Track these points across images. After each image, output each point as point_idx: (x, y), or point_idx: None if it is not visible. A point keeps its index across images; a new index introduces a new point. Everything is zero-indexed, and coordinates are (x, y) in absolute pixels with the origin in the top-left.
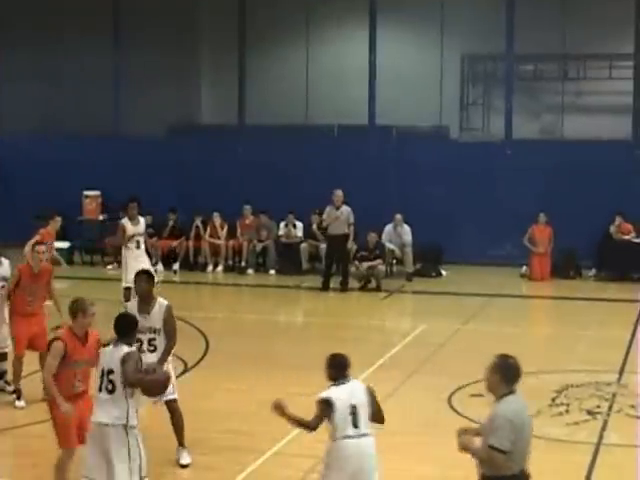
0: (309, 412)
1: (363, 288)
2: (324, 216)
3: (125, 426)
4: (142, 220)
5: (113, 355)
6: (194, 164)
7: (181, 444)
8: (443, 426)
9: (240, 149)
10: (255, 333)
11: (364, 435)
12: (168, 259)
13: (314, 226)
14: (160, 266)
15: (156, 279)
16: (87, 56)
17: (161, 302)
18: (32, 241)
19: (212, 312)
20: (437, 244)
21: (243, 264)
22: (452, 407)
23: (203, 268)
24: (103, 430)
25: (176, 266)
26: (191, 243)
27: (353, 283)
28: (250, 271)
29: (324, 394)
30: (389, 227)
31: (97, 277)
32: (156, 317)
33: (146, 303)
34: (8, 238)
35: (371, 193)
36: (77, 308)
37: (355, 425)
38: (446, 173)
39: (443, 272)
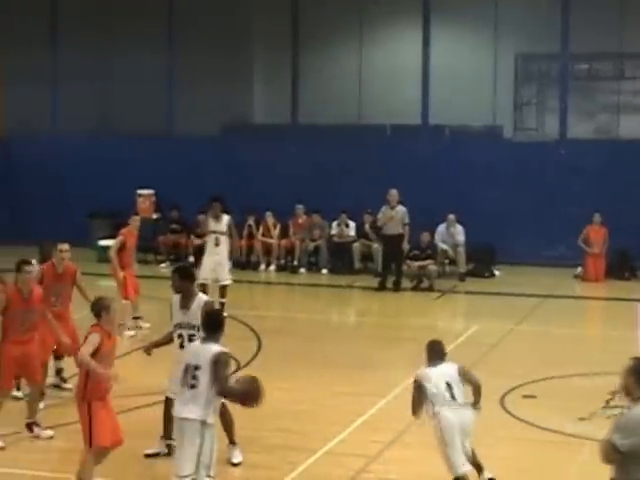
0: (358, 410)
1: (415, 288)
2: (379, 215)
3: (203, 422)
4: (225, 218)
5: (201, 351)
6: (247, 163)
7: (232, 442)
8: (494, 427)
9: (293, 148)
10: (307, 332)
11: (461, 406)
12: None
13: (367, 226)
14: None
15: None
16: (142, 56)
17: (201, 298)
18: (117, 244)
19: (264, 311)
20: (490, 244)
21: (295, 263)
22: (504, 408)
23: (255, 267)
24: (182, 424)
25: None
26: (244, 242)
27: (405, 283)
28: (302, 270)
29: (417, 373)
30: (442, 227)
31: (150, 275)
32: (195, 313)
33: (186, 298)
34: (62, 237)
35: (424, 193)
36: (100, 307)
37: (452, 398)
38: (499, 173)
39: (496, 272)
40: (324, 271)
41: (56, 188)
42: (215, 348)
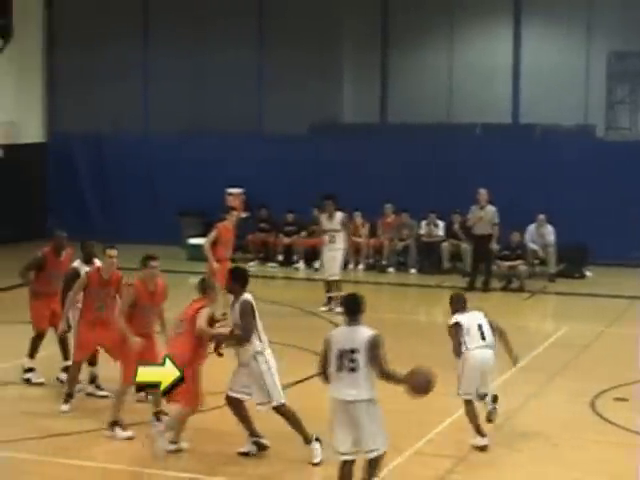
0: (446, 411)
1: (505, 288)
2: (468, 215)
3: (369, 401)
4: (339, 216)
5: (353, 335)
6: (335, 163)
7: (307, 441)
8: (584, 430)
9: (382, 148)
10: (395, 332)
11: (486, 346)
12: (310, 257)
13: (456, 225)
14: (301, 264)
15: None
16: (232, 55)
17: (243, 297)
18: (210, 237)
19: None
20: (581, 244)
21: (384, 262)
22: (595, 411)
23: (344, 266)
24: (349, 407)
25: (317, 264)
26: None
27: (494, 283)
28: (391, 270)
29: (452, 319)
30: (532, 227)
31: None
32: (236, 313)
33: (235, 299)
34: (153, 236)
35: (514, 192)
36: (207, 285)
37: (482, 338)
38: (591, 172)
39: (587, 273)
40: (412, 271)
41: (147, 187)
42: (368, 331)
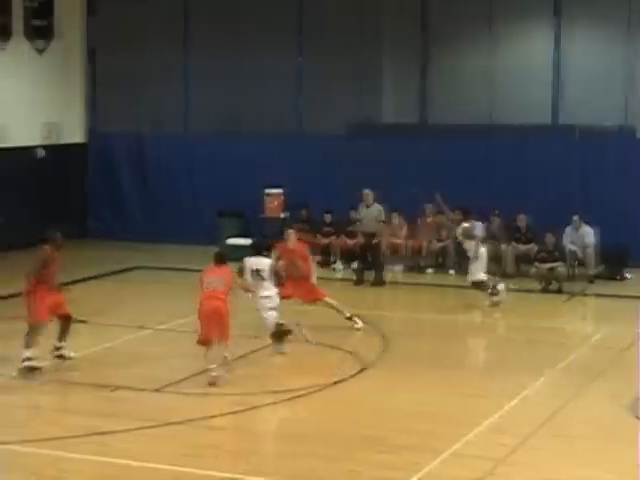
0: (484, 412)
1: (545, 290)
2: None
3: None
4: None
5: (258, 261)
6: (375, 163)
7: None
8: (623, 432)
9: (421, 148)
10: (433, 333)
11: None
12: (348, 257)
13: (495, 226)
14: (339, 264)
15: None
16: (271, 56)
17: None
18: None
19: (390, 311)
20: (622, 246)
21: (422, 263)
22: (634, 413)
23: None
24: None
25: (355, 264)
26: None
27: (534, 284)
28: (429, 270)
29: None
30: (569, 228)
31: None
32: None
33: None
34: (192, 237)
35: (553, 193)
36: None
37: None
38: (632, 173)
39: (627, 275)
40: (451, 271)
41: (186, 188)
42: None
